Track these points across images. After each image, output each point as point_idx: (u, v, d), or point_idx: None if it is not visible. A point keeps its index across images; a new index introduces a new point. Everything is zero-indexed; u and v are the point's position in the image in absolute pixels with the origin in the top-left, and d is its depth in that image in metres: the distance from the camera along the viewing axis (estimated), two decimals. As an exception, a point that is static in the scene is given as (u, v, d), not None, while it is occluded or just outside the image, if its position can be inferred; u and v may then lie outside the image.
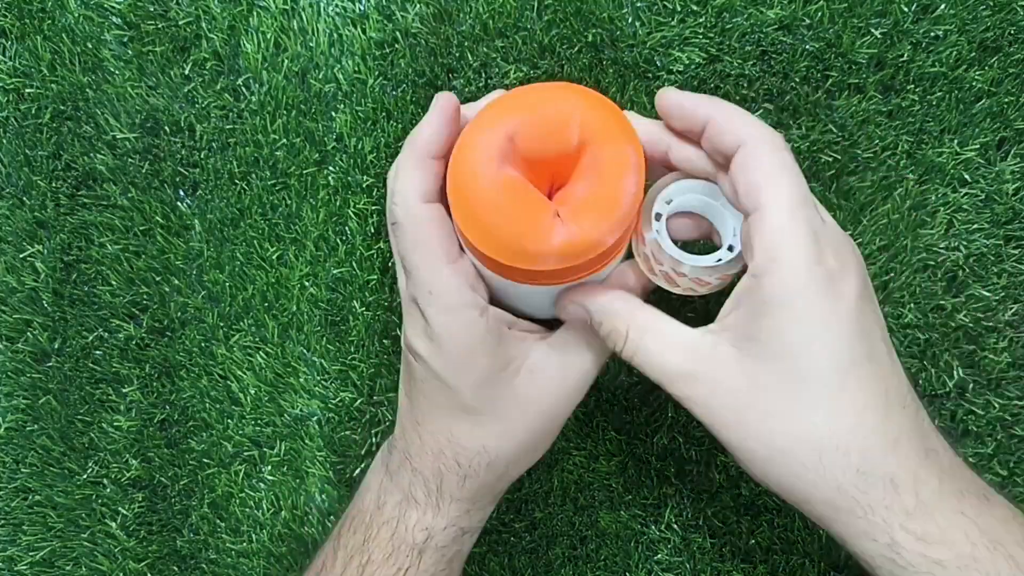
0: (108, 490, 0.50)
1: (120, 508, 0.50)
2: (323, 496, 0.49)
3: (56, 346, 0.49)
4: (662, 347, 0.36)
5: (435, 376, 0.37)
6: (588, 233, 0.34)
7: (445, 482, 0.39)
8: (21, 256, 0.49)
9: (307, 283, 0.48)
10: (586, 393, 0.40)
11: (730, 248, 0.37)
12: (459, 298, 0.36)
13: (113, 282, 0.49)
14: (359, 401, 0.48)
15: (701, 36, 0.44)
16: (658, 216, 0.37)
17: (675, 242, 0.38)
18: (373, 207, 0.47)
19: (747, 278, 0.34)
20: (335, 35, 0.46)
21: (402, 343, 0.40)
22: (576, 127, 0.34)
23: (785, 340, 0.33)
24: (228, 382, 0.49)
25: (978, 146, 0.44)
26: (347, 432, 0.49)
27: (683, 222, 0.39)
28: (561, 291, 0.38)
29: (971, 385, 0.46)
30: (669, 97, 0.36)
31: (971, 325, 0.45)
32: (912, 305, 0.45)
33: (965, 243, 0.45)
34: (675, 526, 0.48)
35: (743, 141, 0.34)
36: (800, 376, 0.33)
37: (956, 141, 0.45)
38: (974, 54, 0.44)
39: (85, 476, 0.50)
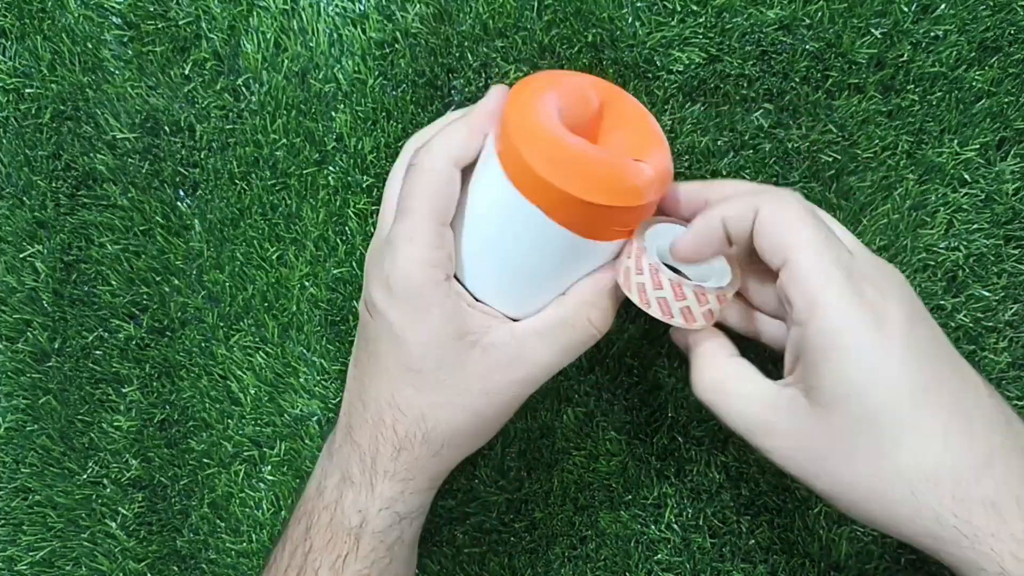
0: (108, 490, 0.50)
1: (120, 508, 0.50)
2: (323, 496, 0.49)
3: (56, 346, 0.49)
4: (743, 397, 0.36)
5: (387, 328, 0.37)
6: (662, 162, 0.37)
7: (380, 454, 0.38)
8: (21, 256, 0.49)
9: (307, 283, 0.48)
10: (531, 394, 0.39)
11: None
12: (432, 254, 0.36)
13: (113, 282, 0.49)
14: (359, 401, 0.48)
15: (701, 36, 0.44)
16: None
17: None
18: (373, 207, 0.47)
19: (794, 329, 0.35)
20: (335, 35, 0.46)
21: (360, 305, 0.40)
22: (592, 91, 0.38)
23: (846, 382, 0.33)
24: (228, 382, 0.49)
25: (978, 146, 0.44)
26: (347, 432, 0.49)
27: None
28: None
29: (971, 385, 0.46)
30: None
31: (971, 325, 0.45)
32: (912, 305, 0.46)
33: (965, 243, 0.45)
34: (675, 526, 0.48)
35: (757, 208, 0.35)
36: (872, 415, 0.33)
37: (956, 141, 0.45)
38: (974, 54, 0.44)
39: (85, 476, 0.50)
